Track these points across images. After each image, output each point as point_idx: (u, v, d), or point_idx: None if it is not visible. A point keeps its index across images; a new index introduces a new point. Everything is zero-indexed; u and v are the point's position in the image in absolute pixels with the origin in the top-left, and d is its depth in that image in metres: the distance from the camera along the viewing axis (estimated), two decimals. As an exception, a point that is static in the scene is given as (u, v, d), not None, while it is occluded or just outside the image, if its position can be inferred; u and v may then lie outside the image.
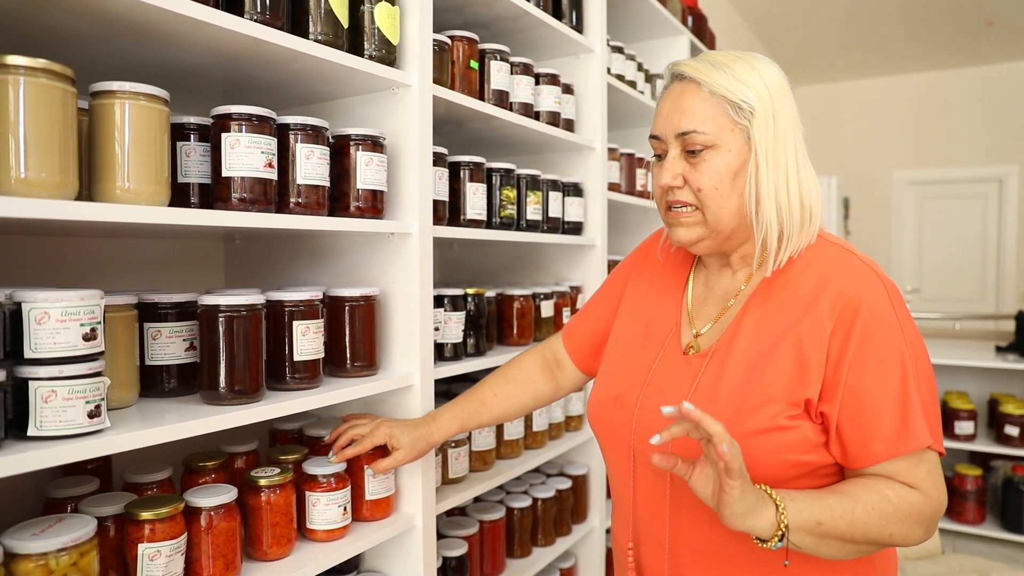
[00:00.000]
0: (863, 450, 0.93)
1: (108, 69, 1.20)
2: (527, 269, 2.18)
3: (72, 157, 0.87)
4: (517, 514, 1.83)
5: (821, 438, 0.96)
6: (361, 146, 1.27)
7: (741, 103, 0.98)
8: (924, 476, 0.93)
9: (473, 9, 1.77)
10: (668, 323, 1.13)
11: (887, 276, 1.01)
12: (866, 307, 0.95)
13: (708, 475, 0.85)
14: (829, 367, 0.95)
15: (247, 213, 1.07)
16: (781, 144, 1.00)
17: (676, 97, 1.01)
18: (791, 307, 1.00)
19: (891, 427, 0.92)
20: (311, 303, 1.20)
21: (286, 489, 1.18)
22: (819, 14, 5.45)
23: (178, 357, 1.14)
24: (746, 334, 1.01)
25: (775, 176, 0.99)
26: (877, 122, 7.08)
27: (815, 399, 0.95)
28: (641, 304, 1.19)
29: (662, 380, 1.06)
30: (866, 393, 0.93)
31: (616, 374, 1.14)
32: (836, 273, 0.99)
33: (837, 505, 0.88)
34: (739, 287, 1.08)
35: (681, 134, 0.99)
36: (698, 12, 3.16)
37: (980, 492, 3.67)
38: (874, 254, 6.97)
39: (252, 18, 1.08)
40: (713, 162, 0.99)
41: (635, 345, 1.15)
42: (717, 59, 1.02)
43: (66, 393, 0.85)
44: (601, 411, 1.14)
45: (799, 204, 1.00)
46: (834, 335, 0.95)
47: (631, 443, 1.07)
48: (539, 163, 2.14)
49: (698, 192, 1.00)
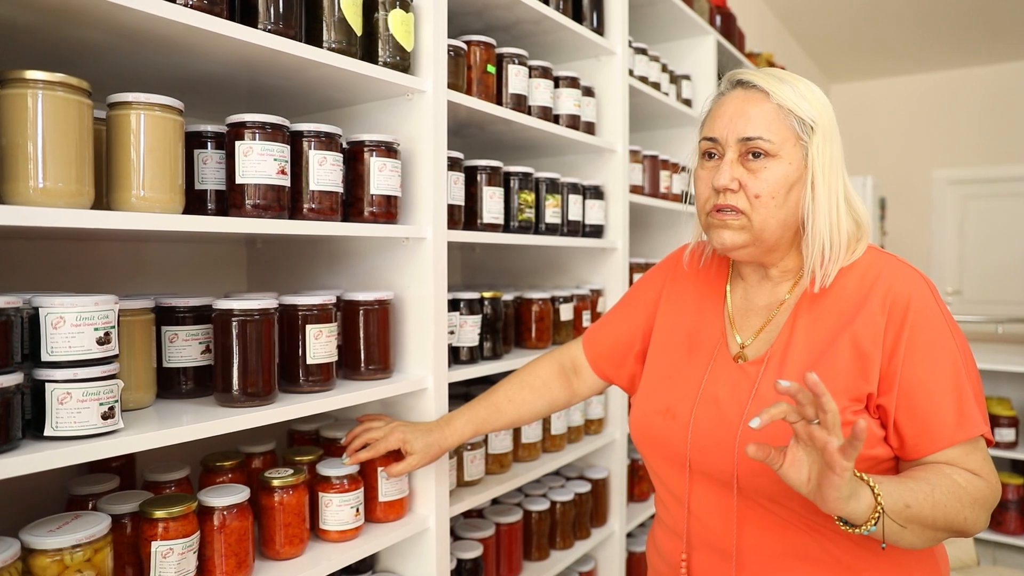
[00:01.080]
0: (922, 439, 0.95)
1: (131, 78, 1.23)
2: (548, 272, 2.18)
3: (88, 167, 0.90)
4: (535, 517, 1.83)
5: (881, 432, 0.98)
6: (375, 152, 1.28)
7: (806, 119, 1.02)
8: (981, 462, 0.95)
9: (493, 13, 1.78)
10: (713, 335, 1.13)
11: (925, 275, 1.04)
12: (915, 303, 0.98)
13: (802, 460, 0.83)
14: (884, 361, 0.97)
15: (260, 220, 1.09)
16: (836, 165, 1.04)
17: (741, 103, 1.03)
18: (841, 309, 1.03)
19: (948, 416, 0.94)
20: (324, 307, 1.22)
21: (299, 490, 1.20)
22: (855, 9, 5.33)
23: (194, 360, 1.17)
24: (800, 338, 1.04)
25: (828, 195, 1.03)
26: (916, 120, 6.90)
27: (875, 393, 0.97)
28: (680, 318, 1.20)
29: (716, 389, 1.07)
30: (921, 385, 0.95)
31: (663, 387, 1.14)
32: (881, 273, 1.03)
33: (918, 488, 0.88)
34: (782, 297, 1.10)
35: (746, 139, 1.01)
36: (727, 11, 3.12)
37: (1022, 501, 3.55)
38: (913, 255, 6.81)
39: (266, 28, 1.10)
40: (773, 170, 1.01)
41: (679, 358, 1.15)
42: (780, 74, 1.06)
43: (81, 395, 0.88)
44: (649, 425, 1.13)
45: (853, 224, 1.05)
46: (887, 330, 0.98)
47: (686, 454, 1.07)
48: (560, 165, 2.14)
49: (755, 198, 1.01)
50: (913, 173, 6.87)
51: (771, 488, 0.97)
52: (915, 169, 6.87)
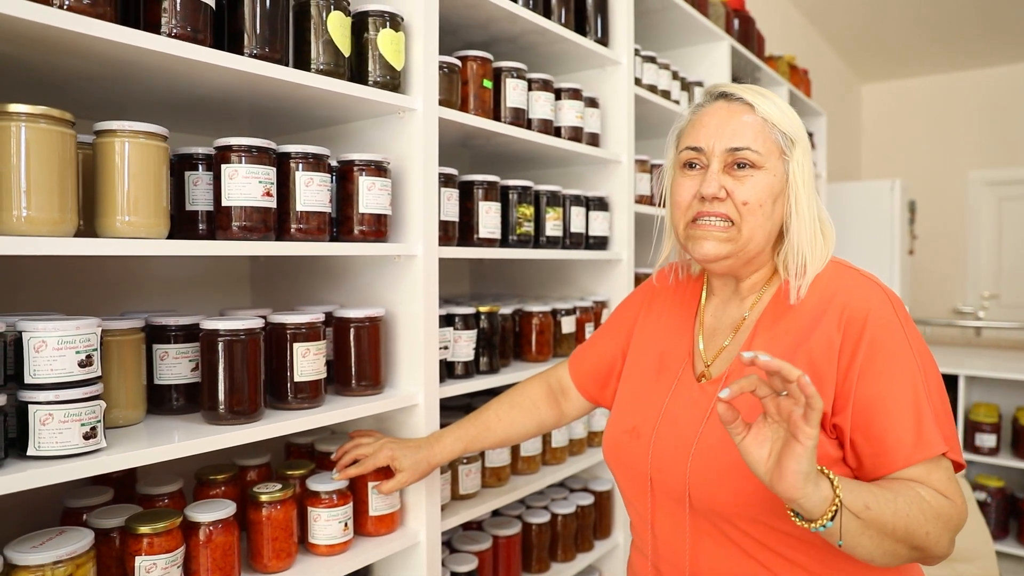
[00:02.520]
0: (878, 459, 0.92)
1: (122, 103, 1.27)
2: (553, 283, 2.18)
3: (71, 195, 0.93)
4: (535, 529, 1.83)
5: (839, 452, 0.96)
6: (364, 171, 1.30)
7: (788, 133, 1.03)
8: (945, 482, 0.91)
9: (498, 25, 1.78)
10: (680, 355, 1.13)
11: (890, 288, 1.02)
12: (872, 318, 0.96)
13: (765, 436, 0.80)
14: (839, 379, 0.95)
15: (245, 242, 1.12)
16: (811, 181, 1.05)
17: (726, 114, 1.04)
18: (798, 325, 1.01)
19: (905, 435, 0.91)
20: (312, 325, 1.23)
21: (286, 505, 1.22)
22: (888, 7, 5.21)
23: (185, 377, 1.20)
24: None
25: (808, 208, 1.04)
26: (949, 120, 6.72)
27: (829, 412, 0.95)
28: (653, 339, 1.20)
29: (676, 409, 1.07)
30: (877, 402, 0.93)
31: (631, 408, 1.15)
32: (840, 288, 1.01)
33: (880, 493, 0.85)
34: (744, 313, 1.09)
35: (733, 149, 1.02)
36: (745, 15, 3.08)
37: (1053, 516, 3.44)
38: (946, 258, 6.63)
39: (251, 52, 1.12)
40: (759, 180, 1.02)
41: (649, 378, 1.15)
42: (760, 89, 1.07)
43: (62, 416, 0.91)
44: (617, 444, 1.14)
45: (825, 237, 1.05)
46: (843, 347, 0.96)
47: (648, 473, 1.07)
48: (566, 176, 2.13)
49: (743, 205, 1.01)
50: (947, 174, 6.69)
51: (720, 507, 0.96)
52: (950, 170, 6.69)
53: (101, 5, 0.94)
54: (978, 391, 3.77)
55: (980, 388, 3.77)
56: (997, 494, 3.50)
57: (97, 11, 0.93)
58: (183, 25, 1.03)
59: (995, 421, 3.56)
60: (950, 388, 3.73)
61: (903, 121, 6.96)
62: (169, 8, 1.02)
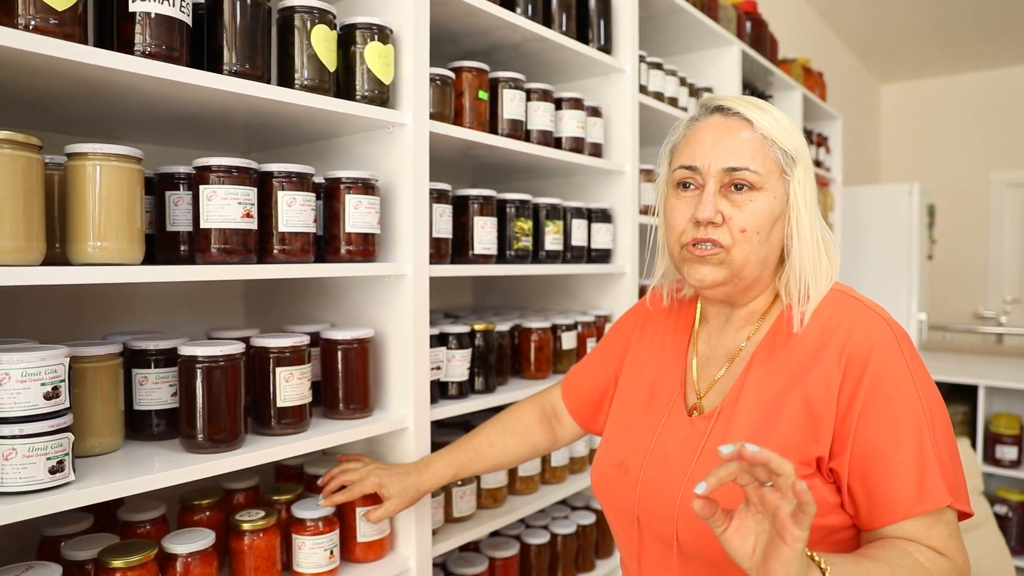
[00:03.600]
0: (877, 509, 0.86)
1: (105, 120, 1.24)
2: (556, 296, 2.14)
3: (37, 222, 0.90)
4: (534, 550, 1.78)
5: (837, 498, 0.90)
6: (351, 189, 1.26)
7: (789, 151, 0.96)
8: (945, 539, 0.85)
9: (498, 33, 1.74)
10: (672, 385, 1.08)
11: (895, 321, 0.95)
12: (875, 355, 0.89)
13: (748, 528, 0.73)
14: (838, 420, 0.89)
15: (223, 266, 1.08)
16: (813, 200, 0.98)
17: (723, 131, 0.97)
18: (796, 360, 0.95)
19: (906, 484, 0.85)
20: (296, 349, 1.20)
21: (269, 533, 1.19)
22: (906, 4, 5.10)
23: (165, 402, 1.16)
24: (751, 392, 0.96)
25: (811, 229, 0.97)
26: (973, 120, 6.57)
27: (826, 456, 0.89)
28: (644, 367, 1.14)
29: (666, 444, 1.01)
30: (877, 447, 0.86)
31: (620, 440, 1.10)
32: (842, 320, 0.94)
33: (875, 570, 0.79)
34: (740, 344, 1.03)
35: (730, 169, 0.95)
36: (757, 17, 3.01)
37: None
38: (967, 262, 6.49)
39: (231, 71, 1.09)
40: (758, 204, 0.95)
41: (639, 409, 1.10)
42: (758, 103, 0.99)
43: (26, 451, 0.88)
44: (605, 478, 1.09)
45: (829, 259, 0.99)
46: (843, 386, 0.89)
47: (635, 511, 1.02)
48: (568, 187, 2.08)
49: (740, 233, 0.95)
50: (969, 176, 6.54)
51: (712, 554, 0.90)
52: (971, 172, 6.54)
53: (69, 25, 0.91)
54: (999, 401, 3.67)
55: (1001, 398, 3.66)
56: (1018, 508, 3.39)
57: (64, 31, 0.90)
58: (157, 43, 0.99)
59: (1016, 433, 3.46)
60: (970, 399, 3.63)
61: (923, 122, 6.82)
62: (142, 26, 0.98)
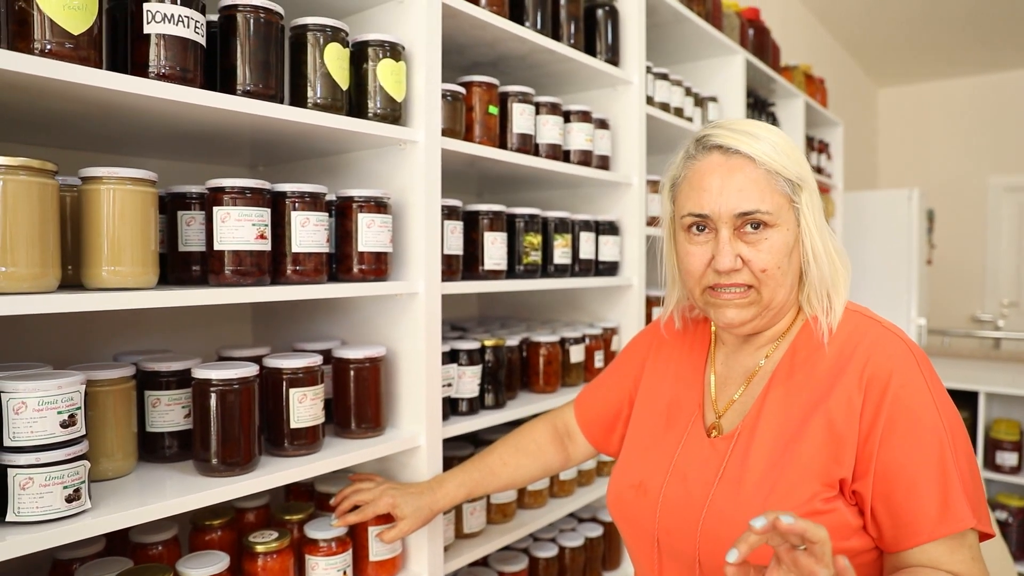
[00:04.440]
0: (900, 531, 0.86)
1: (114, 139, 1.23)
2: (563, 308, 2.13)
3: (53, 248, 0.89)
4: (542, 564, 1.77)
5: (859, 521, 0.90)
6: (363, 208, 1.25)
7: (794, 179, 0.96)
8: (969, 562, 0.85)
9: (506, 45, 1.74)
10: (690, 405, 1.07)
11: (914, 342, 0.95)
12: (896, 379, 0.89)
13: None
14: (860, 443, 0.89)
15: (238, 288, 1.07)
16: (821, 217, 0.99)
17: (726, 172, 0.96)
18: (817, 381, 0.95)
19: (930, 506, 0.85)
20: (309, 370, 1.19)
21: (283, 555, 1.18)
22: (905, 10, 5.11)
23: (178, 424, 1.16)
24: (772, 413, 0.96)
25: (824, 246, 0.98)
26: (971, 124, 6.59)
27: (849, 478, 0.89)
28: (661, 388, 1.14)
29: (686, 465, 1.01)
30: (900, 470, 0.86)
31: (638, 460, 1.09)
32: (861, 342, 0.95)
33: None
34: (759, 363, 1.03)
35: (743, 214, 0.95)
36: (760, 25, 3.01)
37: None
38: (965, 266, 6.51)
39: (244, 90, 1.08)
40: (774, 241, 0.95)
41: (657, 430, 1.10)
42: (752, 129, 0.98)
43: (43, 480, 0.87)
44: (622, 499, 1.08)
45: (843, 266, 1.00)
46: (864, 409, 0.89)
47: (655, 533, 1.01)
48: (575, 198, 2.08)
49: (762, 273, 0.95)
50: (967, 180, 6.56)
51: None
52: (968, 176, 6.56)
53: (84, 48, 0.90)
54: (998, 407, 3.68)
55: (1000, 404, 3.67)
56: (1019, 514, 3.40)
57: (80, 55, 0.89)
58: (172, 65, 0.98)
59: (1016, 439, 3.47)
60: (970, 404, 3.64)
61: (921, 126, 6.84)
62: (157, 47, 0.97)
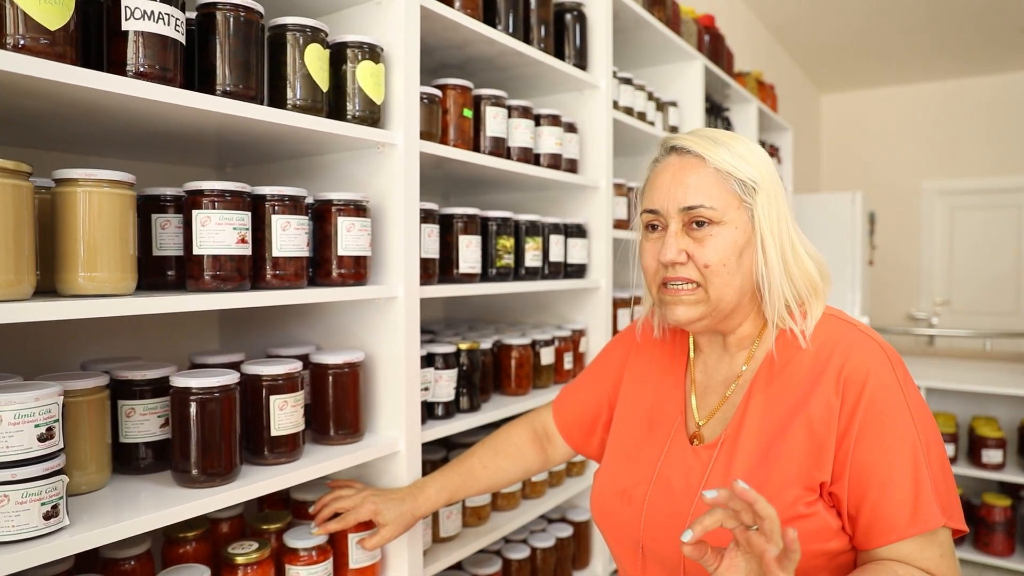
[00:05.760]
0: (873, 530, 0.89)
1: (85, 140, 1.18)
2: (531, 310, 2.14)
3: (28, 254, 0.85)
4: (515, 565, 1.78)
5: (838, 523, 0.92)
6: (343, 212, 1.23)
7: (747, 180, 0.97)
8: (937, 560, 0.89)
9: (475, 47, 1.73)
10: (672, 413, 1.09)
11: (888, 344, 0.99)
12: (872, 381, 0.92)
13: (739, 566, 0.77)
14: (837, 445, 0.92)
15: (219, 295, 1.04)
16: (783, 221, 0.99)
17: (678, 171, 0.99)
18: (796, 387, 0.97)
19: (902, 506, 0.88)
20: (290, 376, 1.17)
21: (264, 565, 1.16)
22: (848, 20, 5.31)
23: (153, 434, 1.12)
24: (753, 421, 0.98)
25: (781, 253, 0.98)
26: (908, 130, 6.90)
27: (828, 481, 0.92)
28: (642, 394, 1.15)
29: (670, 474, 1.03)
30: (873, 470, 0.89)
31: (621, 468, 1.10)
32: (837, 346, 0.97)
33: None
34: (738, 371, 1.05)
35: (687, 208, 0.97)
36: (715, 32, 3.09)
37: (1009, 523, 3.53)
38: (902, 267, 6.80)
39: (224, 91, 1.05)
40: (720, 238, 0.96)
41: (639, 437, 1.11)
42: (715, 136, 1.00)
43: (19, 497, 0.83)
44: (607, 506, 1.09)
45: (811, 274, 1.00)
46: (842, 412, 0.92)
47: (639, 539, 1.03)
48: (543, 201, 2.09)
49: (705, 268, 0.96)
50: (904, 184, 6.87)
51: None
52: (906, 180, 6.87)
53: (61, 44, 0.86)
54: (936, 401, 3.86)
55: (937, 398, 3.85)
56: (956, 502, 3.57)
57: (56, 52, 0.85)
58: (151, 63, 0.95)
59: (953, 431, 3.64)
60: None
61: (862, 131, 7.12)
62: (135, 45, 0.94)
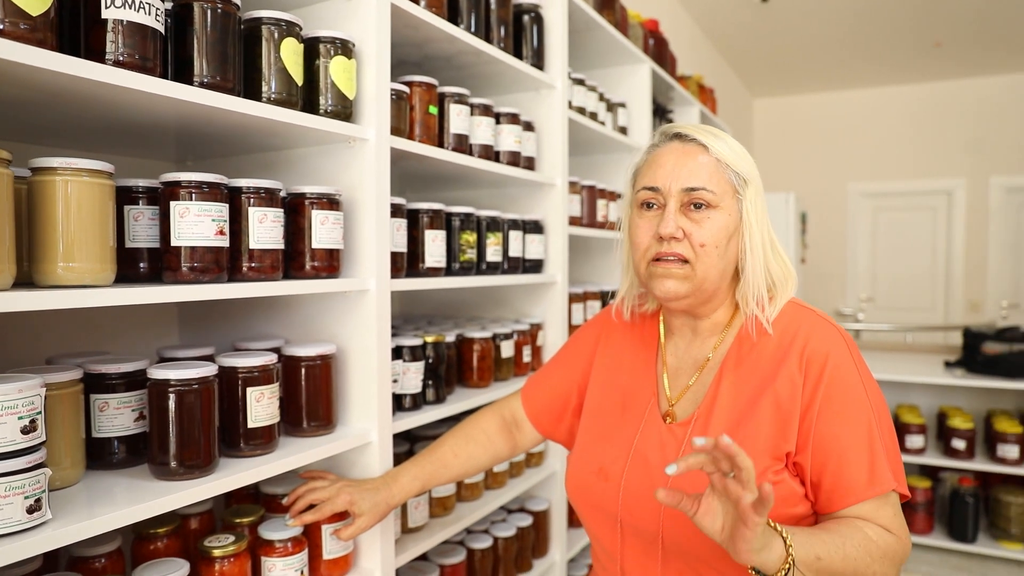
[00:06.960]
0: (835, 495, 0.97)
1: (56, 129, 1.16)
2: (489, 304, 2.18)
3: (8, 243, 0.84)
4: (478, 555, 1.82)
5: (802, 490, 1.00)
6: (316, 205, 1.24)
7: (741, 173, 1.06)
8: (891, 518, 0.98)
9: (434, 45, 1.76)
10: (645, 394, 1.15)
11: (843, 328, 1.08)
12: (832, 360, 1.01)
13: (715, 510, 0.83)
14: (800, 418, 1.00)
15: (198, 286, 1.04)
16: (765, 218, 1.08)
17: (681, 155, 1.06)
18: (763, 367, 1.05)
19: (860, 472, 0.96)
20: (266, 368, 1.17)
21: (240, 558, 1.16)
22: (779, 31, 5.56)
23: (127, 428, 1.10)
24: (725, 398, 1.05)
25: (762, 244, 1.07)
26: (834, 135, 7.26)
27: (793, 451, 0.99)
28: (615, 376, 1.21)
29: (646, 450, 1.08)
30: (833, 441, 0.98)
31: (597, 447, 1.15)
32: (799, 329, 1.05)
33: (830, 541, 0.90)
34: (708, 354, 1.12)
35: (689, 189, 1.03)
36: (659, 36, 3.19)
37: (929, 503, 3.77)
38: (830, 264, 7.14)
39: (202, 82, 1.05)
40: (715, 221, 1.04)
41: (613, 417, 1.16)
42: (714, 131, 1.09)
43: (3, 491, 0.82)
44: (584, 484, 1.14)
45: (780, 270, 1.09)
46: (804, 388, 1.00)
47: (618, 514, 1.08)
48: (502, 197, 2.13)
49: (700, 247, 1.03)
50: (831, 186, 7.22)
51: (694, 549, 0.99)
52: (834, 182, 7.22)
53: (42, 30, 0.85)
54: (864, 391, 4.08)
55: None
56: (882, 486, 3.78)
57: (37, 37, 0.84)
58: (130, 52, 0.94)
59: (880, 418, 3.86)
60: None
61: (792, 135, 7.44)
62: (115, 33, 0.93)
